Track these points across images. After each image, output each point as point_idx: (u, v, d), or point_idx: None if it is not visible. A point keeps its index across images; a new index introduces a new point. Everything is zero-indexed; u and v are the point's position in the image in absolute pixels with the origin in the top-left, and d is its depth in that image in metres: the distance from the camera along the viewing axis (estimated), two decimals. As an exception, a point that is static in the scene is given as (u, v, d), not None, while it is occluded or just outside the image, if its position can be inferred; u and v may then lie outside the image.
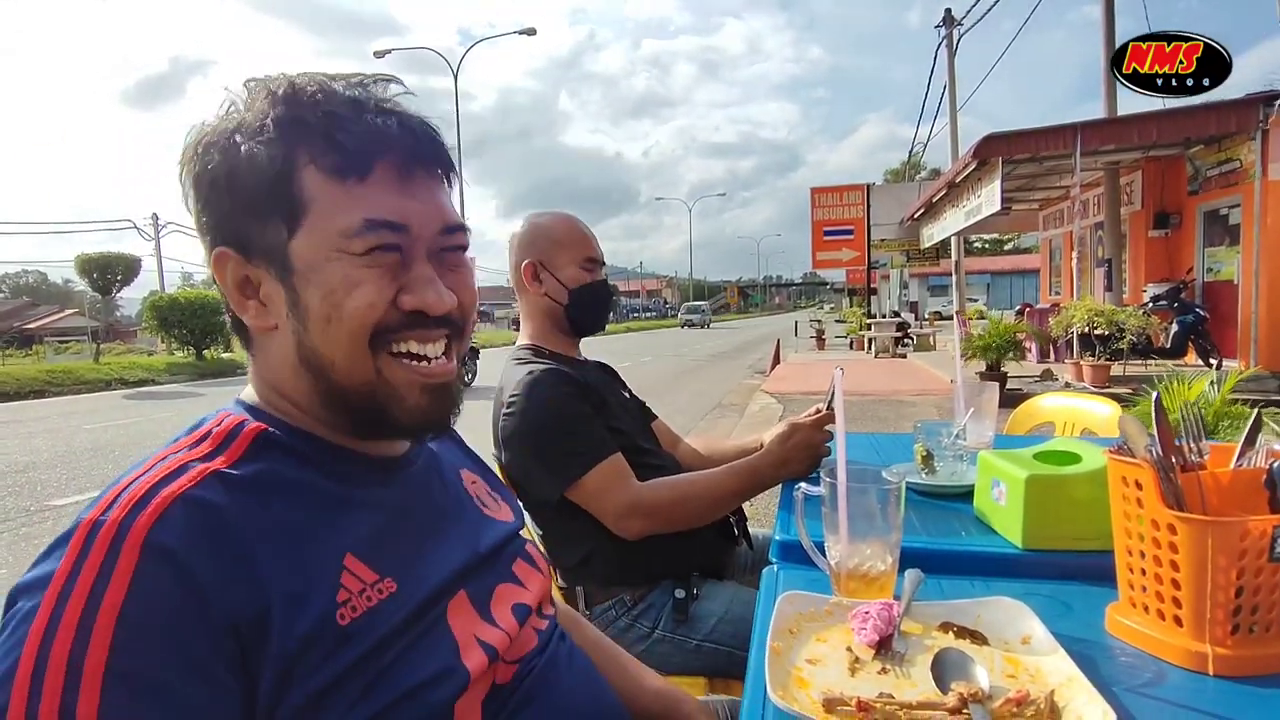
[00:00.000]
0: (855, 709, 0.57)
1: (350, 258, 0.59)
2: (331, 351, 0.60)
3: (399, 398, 0.62)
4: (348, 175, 0.58)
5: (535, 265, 1.44)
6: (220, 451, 0.57)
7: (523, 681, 0.67)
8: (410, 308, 0.61)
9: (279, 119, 0.59)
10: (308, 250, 0.59)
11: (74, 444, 7.29)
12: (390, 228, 0.59)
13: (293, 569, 0.53)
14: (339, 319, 0.59)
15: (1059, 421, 2.14)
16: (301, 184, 0.58)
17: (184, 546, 0.49)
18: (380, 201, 0.59)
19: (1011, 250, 44.87)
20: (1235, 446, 0.73)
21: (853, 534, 0.79)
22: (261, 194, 0.59)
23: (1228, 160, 8.82)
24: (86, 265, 16.12)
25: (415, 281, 0.61)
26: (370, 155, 0.59)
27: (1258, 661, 0.63)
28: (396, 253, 0.61)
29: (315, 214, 0.59)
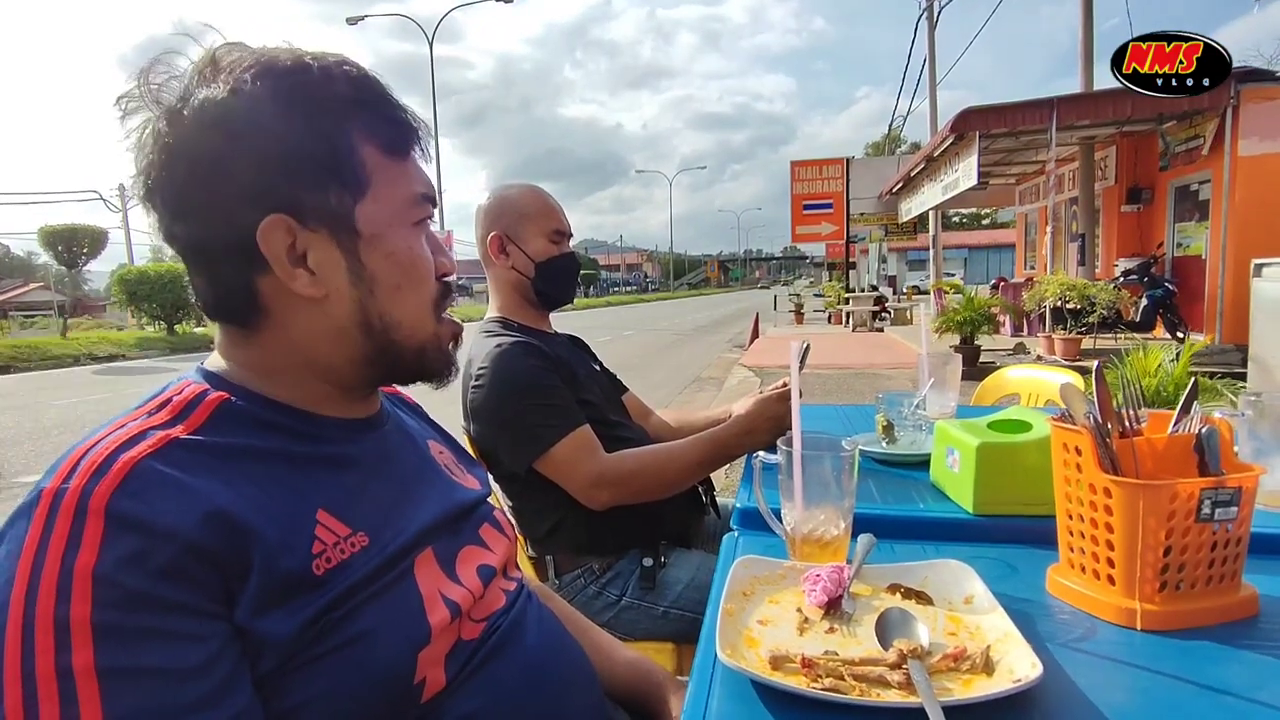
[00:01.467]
0: (800, 665, 0.59)
1: (409, 228, 0.66)
2: (401, 315, 0.66)
3: (441, 349, 0.71)
4: (396, 153, 0.66)
5: (502, 238, 1.44)
6: (180, 420, 0.58)
7: (490, 637, 0.69)
8: (442, 271, 0.70)
9: (329, 92, 0.61)
10: (374, 219, 0.64)
11: (42, 420, 7.16)
12: (431, 201, 0.69)
13: (268, 520, 0.55)
14: (411, 285, 0.66)
15: (1024, 393, 2.19)
16: (363, 157, 0.63)
17: (147, 509, 0.49)
18: (420, 177, 0.68)
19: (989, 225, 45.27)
20: (1173, 414, 0.76)
21: (807, 501, 0.81)
22: (324, 163, 0.61)
23: (1195, 137, 8.93)
24: (51, 238, 15.71)
25: (439, 250, 0.70)
26: (411, 136, 0.67)
27: (1182, 616, 0.67)
28: (429, 223, 0.69)
29: (378, 185, 0.64)
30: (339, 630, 0.56)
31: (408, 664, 0.59)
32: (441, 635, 0.63)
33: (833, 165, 19.00)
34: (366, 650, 0.57)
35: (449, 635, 0.64)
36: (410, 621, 0.61)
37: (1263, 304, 5.38)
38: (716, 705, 0.58)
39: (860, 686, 0.57)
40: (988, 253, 43.16)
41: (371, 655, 0.57)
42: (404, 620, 0.61)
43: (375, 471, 0.68)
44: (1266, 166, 7.92)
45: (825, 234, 19.60)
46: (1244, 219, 7.88)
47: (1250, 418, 0.97)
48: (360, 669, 0.56)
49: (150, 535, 0.49)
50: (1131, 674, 0.61)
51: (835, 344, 11.88)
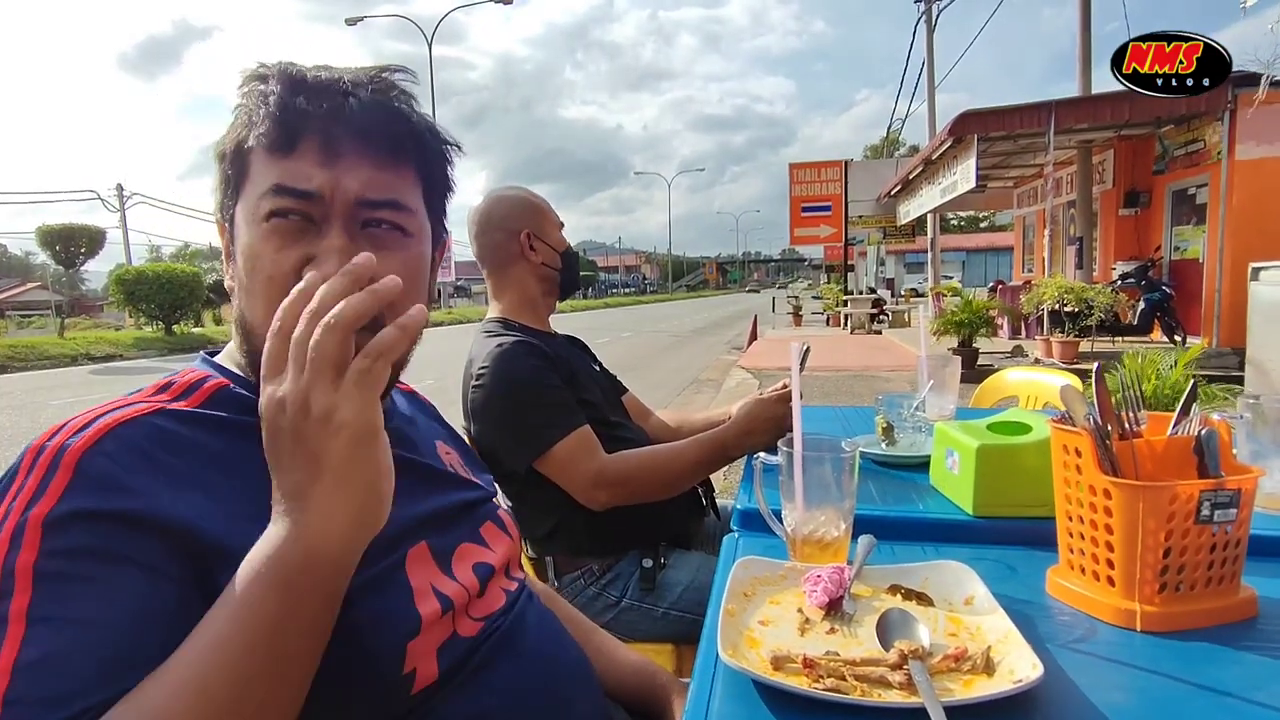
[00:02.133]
0: (801, 666, 0.59)
1: (257, 224, 0.62)
2: (251, 318, 0.63)
3: None
4: (275, 149, 0.61)
5: (531, 235, 1.45)
6: (179, 400, 0.61)
7: (489, 638, 0.69)
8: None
9: (241, 101, 0.64)
10: (239, 218, 0.64)
11: (39, 420, 7.15)
12: (294, 194, 0.60)
13: (243, 493, 0.56)
14: (254, 287, 0.62)
15: (1023, 395, 2.20)
16: (249, 158, 0.63)
17: (115, 466, 0.52)
18: (294, 170, 0.61)
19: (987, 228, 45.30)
20: (1172, 416, 0.77)
21: (808, 502, 0.81)
22: (229, 169, 0.64)
23: (1193, 140, 8.96)
24: (48, 237, 15.69)
25: (323, 251, 0.61)
26: (295, 131, 0.61)
27: (1181, 618, 0.67)
28: (303, 221, 0.61)
29: (248, 184, 0.63)
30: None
31: (395, 653, 0.60)
32: (432, 627, 0.63)
33: (831, 168, 19.04)
34: (354, 637, 0.57)
35: (441, 628, 0.64)
36: (399, 611, 0.62)
37: (1260, 307, 5.40)
38: (718, 705, 0.58)
39: (861, 687, 0.57)
40: (986, 255, 43.21)
41: (358, 641, 0.58)
42: (392, 609, 0.61)
43: None
44: (1263, 170, 7.95)
45: (824, 236, 19.64)
46: (1241, 223, 7.90)
47: (1248, 420, 0.97)
48: (346, 654, 0.56)
49: (113, 491, 0.51)
50: (1131, 675, 0.61)
51: (834, 346, 11.89)
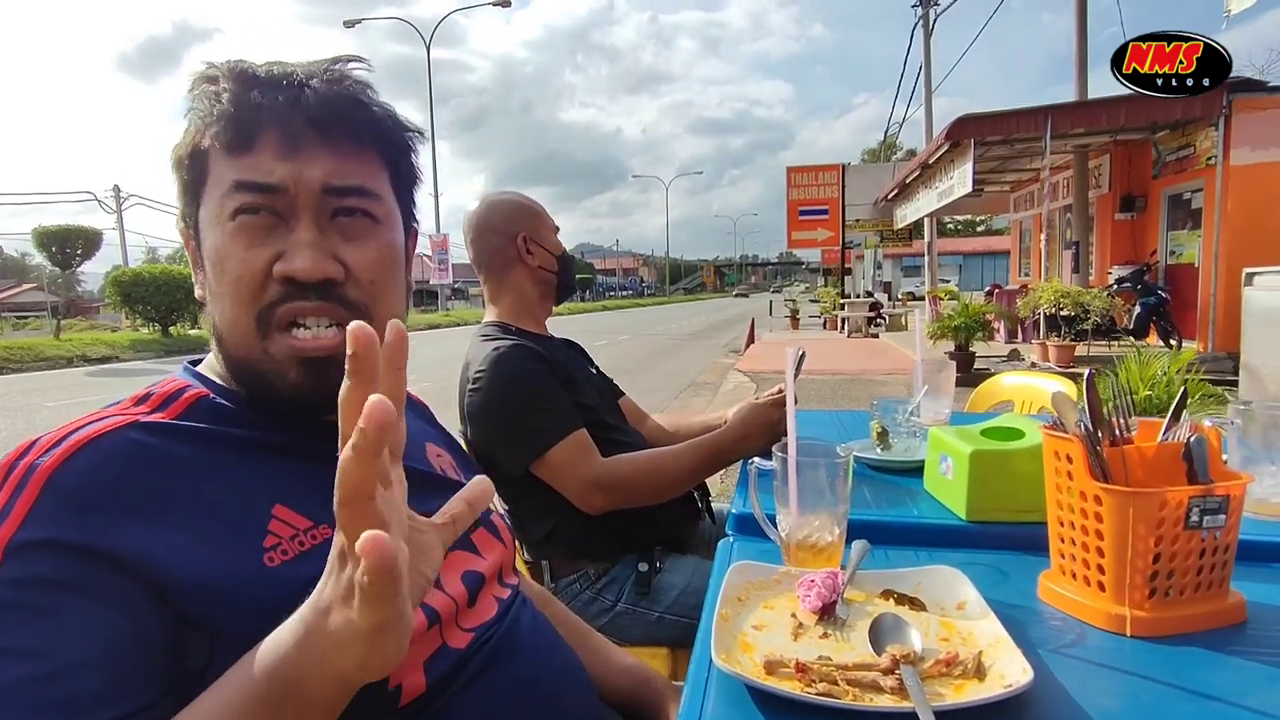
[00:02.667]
0: (794, 670, 0.60)
1: (223, 225, 0.60)
2: (222, 322, 0.63)
3: (279, 373, 0.61)
4: (234, 148, 0.60)
5: (527, 238, 1.46)
6: (157, 411, 0.61)
7: (481, 648, 0.68)
8: (280, 274, 0.60)
9: (193, 105, 0.62)
10: (203, 221, 0.63)
11: (34, 422, 7.12)
12: (256, 189, 0.59)
13: (214, 509, 0.56)
14: (224, 290, 0.61)
15: (1018, 399, 2.21)
16: (208, 161, 0.62)
17: (82, 487, 0.51)
18: (254, 166, 0.60)
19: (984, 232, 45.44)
20: (1163, 422, 0.77)
21: (802, 506, 0.82)
22: (186, 174, 0.63)
23: (1185, 146, 9.00)
24: (45, 238, 15.65)
25: (291, 246, 0.60)
26: (252, 127, 0.60)
27: (1171, 623, 0.67)
28: (271, 216, 0.60)
29: (209, 186, 0.62)
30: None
31: None
32: (418, 641, 0.62)
33: (829, 171, 19.08)
34: None
35: (428, 641, 0.64)
36: None
37: (1253, 312, 5.42)
38: (711, 709, 0.58)
39: (853, 691, 0.57)
40: (982, 259, 43.33)
41: None
42: None
43: None
44: (1258, 175, 7.99)
45: (821, 240, 19.67)
46: (1236, 227, 7.94)
47: (1239, 426, 0.98)
48: None
49: (78, 519, 0.50)
50: (1121, 679, 0.62)
51: (831, 349, 11.90)
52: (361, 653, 0.43)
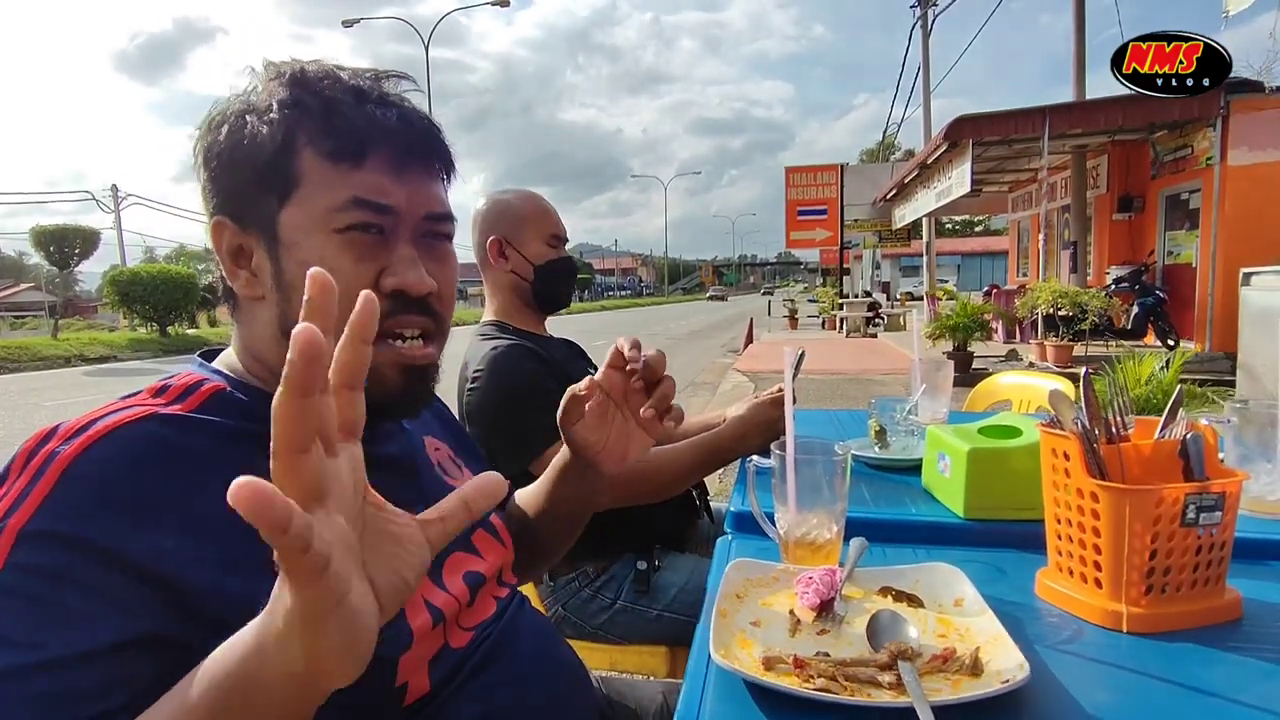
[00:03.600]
0: (792, 666, 0.60)
1: (331, 235, 0.61)
2: None
3: (379, 379, 0.63)
4: (342, 159, 0.61)
5: (501, 242, 1.45)
6: (175, 403, 0.60)
7: (480, 647, 0.69)
8: (391, 288, 0.63)
9: (284, 100, 0.62)
10: (293, 223, 0.62)
11: (32, 422, 7.12)
12: (374, 208, 0.62)
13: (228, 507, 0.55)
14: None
15: (1016, 399, 2.21)
16: (298, 162, 0.61)
17: (100, 478, 0.51)
18: (370, 184, 0.62)
19: (982, 232, 45.49)
20: (1159, 420, 0.78)
21: (800, 504, 0.82)
22: (260, 168, 0.62)
23: (1183, 146, 9.02)
24: (42, 238, 15.64)
25: (398, 262, 0.63)
26: (365, 143, 0.62)
27: (1167, 619, 0.68)
28: (378, 235, 0.63)
29: (305, 190, 0.62)
30: None
31: (388, 667, 0.60)
32: (424, 640, 0.63)
33: (827, 171, 19.09)
34: None
35: (432, 640, 0.64)
36: (391, 624, 0.61)
37: (1250, 312, 5.43)
38: (710, 706, 0.59)
39: (851, 687, 0.58)
40: (981, 259, 43.37)
41: None
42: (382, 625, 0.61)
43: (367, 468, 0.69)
44: (1256, 176, 8.00)
45: (819, 240, 19.68)
46: (1233, 228, 7.96)
47: (1236, 425, 0.98)
48: None
49: (93, 512, 0.50)
50: (1117, 675, 0.62)
51: (829, 349, 11.91)
52: (304, 647, 0.39)
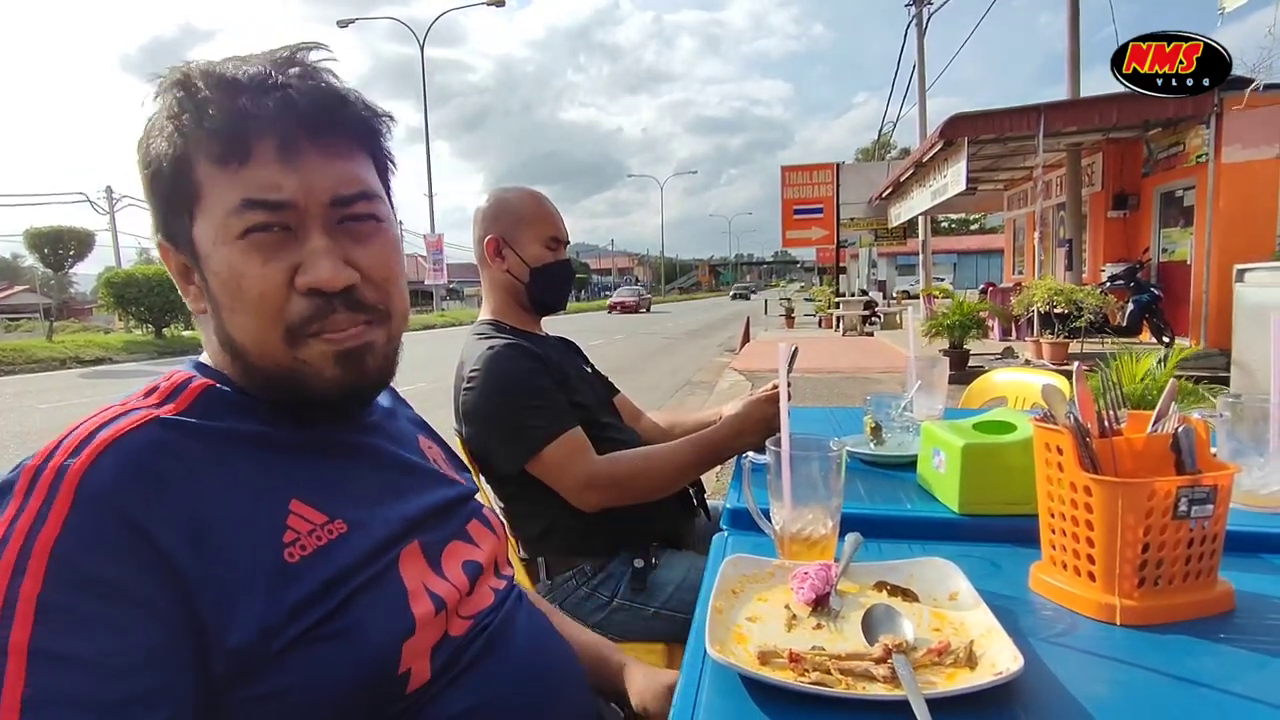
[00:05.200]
0: (788, 660, 0.60)
1: (233, 242, 0.60)
2: (243, 337, 0.62)
3: (315, 373, 0.63)
4: (229, 160, 0.59)
5: (498, 241, 1.44)
6: (167, 403, 0.61)
7: (479, 636, 0.69)
8: (304, 286, 0.61)
9: (171, 113, 0.60)
10: (204, 237, 0.61)
11: (27, 424, 7.09)
12: (266, 206, 0.59)
13: (234, 507, 0.56)
14: (243, 309, 0.61)
15: (1011, 396, 2.21)
16: (194, 173, 0.60)
17: (116, 490, 0.51)
18: (258, 180, 0.59)
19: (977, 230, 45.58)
20: (1152, 414, 0.78)
21: (796, 500, 0.82)
22: (168, 187, 0.61)
23: (1176, 144, 9.04)
24: (36, 240, 15.57)
25: (309, 257, 0.61)
26: (246, 137, 0.59)
27: (1160, 611, 0.68)
28: (284, 231, 0.61)
29: (205, 200, 0.60)
30: (330, 620, 0.57)
31: (392, 654, 0.60)
32: (426, 627, 0.63)
33: (823, 170, 19.10)
34: (352, 639, 0.58)
35: (434, 628, 0.65)
36: (395, 612, 0.62)
37: (1244, 309, 5.46)
38: (706, 700, 0.59)
39: (846, 680, 0.58)
40: (977, 258, 43.43)
41: (357, 644, 0.58)
42: (389, 610, 0.61)
43: (357, 459, 0.69)
44: (1249, 173, 8.03)
45: (815, 239, 19.70)
46: (1227, 225, 7.99)
47: (1228, 419, 0.99)
48: (344, 656, 0.57)
49: (112, 516, 0.50)
50: (1110, 667, 0.62)
51: (826, 348, 11.93)
52: None
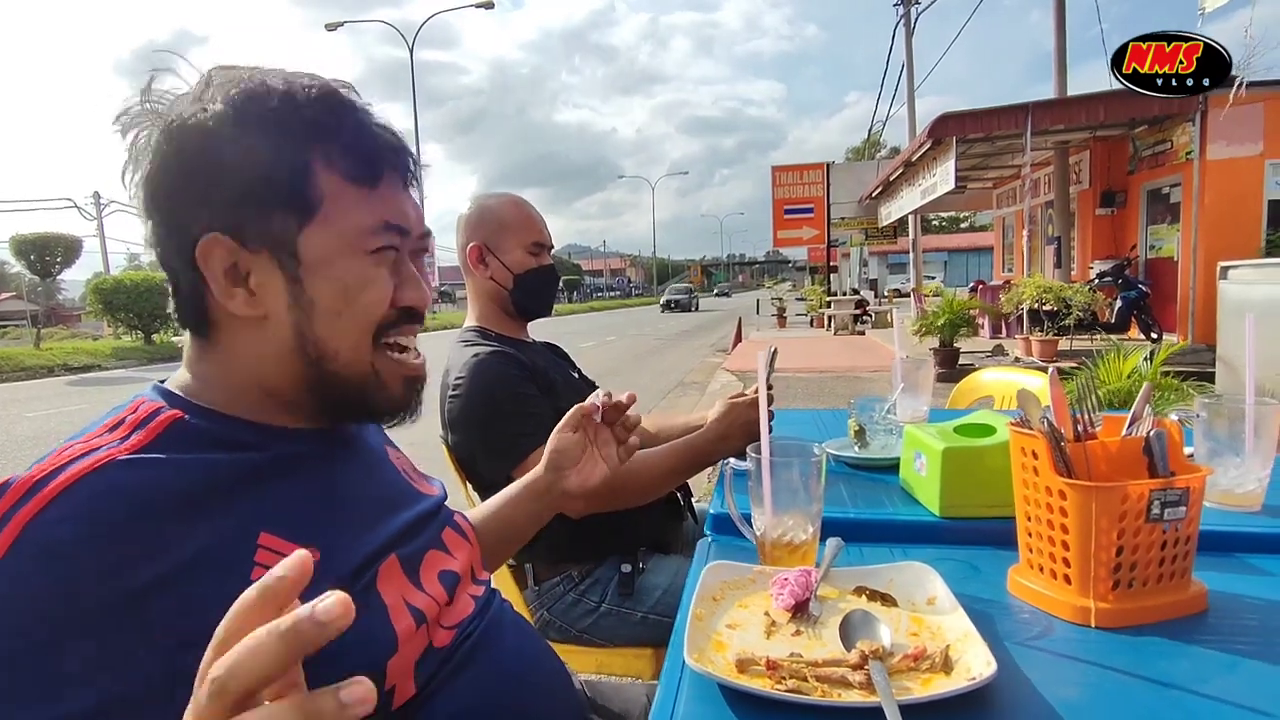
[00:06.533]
0: (765, 668, 0.61)
1: (363, 255, 0.65)
2: (338, 343, 0.65)
3: (384, 386, 0.68)
4: (363, 181, 0.64)
5: (481, 248, 1.44)
6: (134, 434, 0.58)
7: (463, 644, 0.69)
8: (406, 303, 0.68)
9: (291, 117, 0.61)
10: (320, 245, 0.63)
11: (14, 433, 7.04)
12: (399, 231, 0.66)
13: (196, 549, 0.54)
14: (351, 313, 0.65)
15: (997, 395, 2.23)
16: (317, 182, 0.62)
17: (59, 537, 0.49)
18: (391, 206, 0.66)
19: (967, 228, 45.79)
20: (1127, 417, 0.79)
21: (776, 506, 0.83)
22: (272, 186, 0.61)
23: (1161, 141, 9.12)
24: (22, 246, 15.41)
25: (408, 280, 0.69)
26: (381, 164, 0.65)
27: (1134, 613, 0.69)
28: (395, 253, 0.67)
29: (329, 211, 0.63)
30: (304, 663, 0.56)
31: (376, 673, 0.60)
32: (409, 643, 0.63)
33: (813, 170, 19.16)
34: (334, 660, 0.57)
35: (417, 642, 0.64)
36: (376, 631, 0.61)
37: (1228, 305, 5.50)
38: (683, 708, 0.59)
39: (822, 688, 0.58)
40: (967, 256, 43.60)
41: (340, 665, 0.57)
42: (370, 631, 0.61)
43: (330, 482, 0.67)
44: (1234, 170, 8.11)
45: (806, 238, 19.76)
46: (1213, 221, 8.06)
47: (1205, 419, 0.99)
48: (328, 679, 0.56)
49: (51, 563, 0.48)
50: (1084, 670, 0.63)
51: (817, 348, 11.96)
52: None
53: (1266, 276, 5.19)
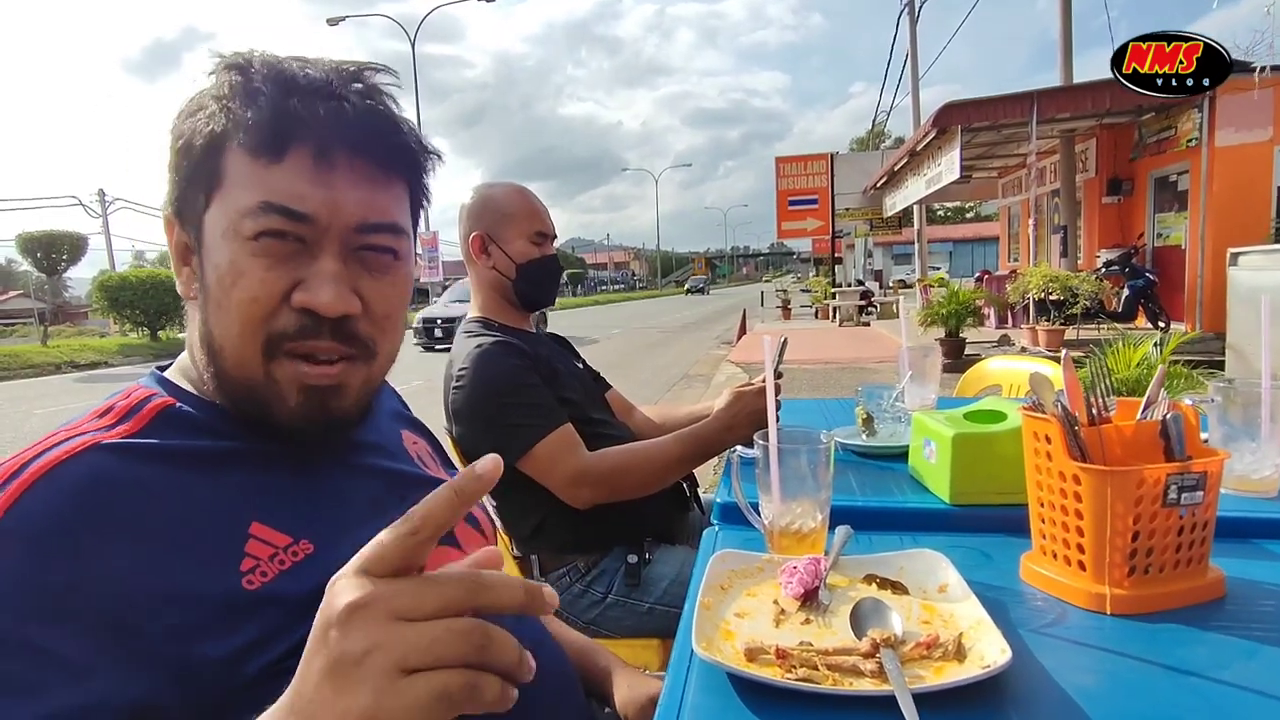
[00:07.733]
0: (774, 657, 0.60)
1: (241, 241, 0.57)
2: (222, 337, 0.59)
3: (280, 397, 0.59)
4: (260, 154, 0.56)
5: (484, 238, 1.43)
6: (121, 423, 0.57)
7: None
8: (300, 304, 0.57)
9: (220, 93, 0.58)
10: (212, 225, 0.58)
11: (23, 429, 7.07)
12: (287, 214, 0.56)
13: (182, 539, 0.53)
14: (226, 307, 0.58)
15: (1005, 383, 2.21)
16: (224, 159, 0.57)
17: (31, 528, 0.48)
18: (286, 186, 0.56)
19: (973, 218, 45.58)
20: (1141, 401, 0.77)
21: (784, 494, 0.82)
22: (194, 164, 0.58)
23: (1167, 128, 9.04)
24: (29, 244, 15.50)
25: (315, 276, 0.58)
26: (285, 136, 0.56)
27: (1150, 600, 0.67)
28: (295, 243, 0.58)
29: (226, 189, 0.57)
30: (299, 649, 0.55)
31: None
32: None
33: (817, 161, 19.09)
34: None
35: None
36: None
37: (1238, 292, 5.46)
38: (692, 698, 0.58)
39: (834, 676, 0.57)
40: (972, 246, 43.46)
41: None
42: None
43: (334, 473, 0.65)
44: (1243, 156, 8.03)
45: (811, 229, 19.71)
46: (1221, 208, 7.99)
47: (1220, 404, 0.98)
48: None
49: (30, 561, 0.47)
50: (1100, 657, 0.62)
51: (822, 339, 11.93)
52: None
53: (1277, 262, 5.14)
